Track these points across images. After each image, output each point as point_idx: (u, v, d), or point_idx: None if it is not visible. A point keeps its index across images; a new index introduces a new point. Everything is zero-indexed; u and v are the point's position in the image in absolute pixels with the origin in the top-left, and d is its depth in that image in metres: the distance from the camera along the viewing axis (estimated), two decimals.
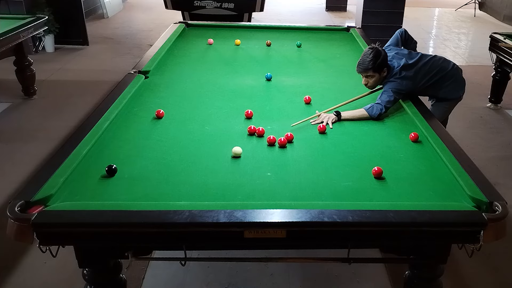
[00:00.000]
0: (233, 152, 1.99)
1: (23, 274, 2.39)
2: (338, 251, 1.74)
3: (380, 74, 2.56)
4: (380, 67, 2.52)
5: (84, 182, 1.76)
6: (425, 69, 2.66)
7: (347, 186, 1.80)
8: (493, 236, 1.55)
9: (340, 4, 9.53)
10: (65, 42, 6.29)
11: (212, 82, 2.96)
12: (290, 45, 3.83)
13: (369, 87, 2.64)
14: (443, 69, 2.73)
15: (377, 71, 2.53)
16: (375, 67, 2.50)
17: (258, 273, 2.43)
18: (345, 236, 1.61)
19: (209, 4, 5.28)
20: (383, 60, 2.52)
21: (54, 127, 3.96)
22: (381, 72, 2.55)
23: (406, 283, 1.95)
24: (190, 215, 1.51)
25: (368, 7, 5.80)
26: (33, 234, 1.47)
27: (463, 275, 2.45)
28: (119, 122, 2.28)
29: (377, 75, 2.55)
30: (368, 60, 2.49)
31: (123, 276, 1.89)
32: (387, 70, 2.57)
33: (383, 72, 2.56)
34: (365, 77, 2.58)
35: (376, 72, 2.53)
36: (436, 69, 2.69)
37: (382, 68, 2.54)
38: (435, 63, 2.72)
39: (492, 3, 9.16)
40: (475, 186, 1.72)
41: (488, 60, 4.77)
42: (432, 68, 2.68)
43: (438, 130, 2.20)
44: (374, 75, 2.54)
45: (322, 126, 2.28)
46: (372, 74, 2.54)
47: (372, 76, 2.55)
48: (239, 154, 1.99)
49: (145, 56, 3.27)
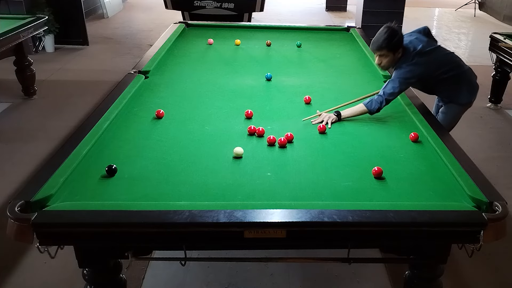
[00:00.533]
0: (235, 153, 1.99)
1: (23, 274, 2.39)
2: (338, 251, 1.74)
3: (395, 55, 2.45)
4: (394, 47, 2.42)
5: (84, 182, 1.75)
6: (440, 60, 2.56)
7: (347, 186, 1.80)
8: (493, 236, 1.55)
9: (340, 4, 9.54)
10: (65, 42, 6.30)
11: (212, 82, 2.96)
12: (290, 45, 3.83)
13: (382, 67, 2.57)
14: (459, 66, 2.64)
15: (391, 50, 2.42)
16: (389, 46, 2.40)
17: (258, 273, 2.43)
18: (345, 236, 1.61)
19: (209, 4, 5.28)
20: (399, 40, 2.42)
21: (54, 127, 3.96)
22: (395, 53, 2.44)
23: (406, 283, 1.95)
24: (190, 215, 1.51)
25: (368, 7, 5.81)
26: (33, 234, 1.47)
27: (463, 275, 2.45)
28: (119, 122, 2.28)
29: (391, 55, 2.44)
30: (383, 39, 2.39)
31: (123, 276, 1.89)
32: (402, 52, 2.47)
33: (398, 53, 2.45)
34: (378, 56, 2.48)
35: (390, 52, 2.42)
36: (452, 64, 2.60)
37: (397, 48, 2.43)
38: (453, 57, 2.63)
39: (492, 3, 9.16)
40: (475, 186, 1.72)
41: (488, 60, 4.77)
42: (448, 60, 2.59)
43: (438, 130, 2.20)
44: (388, 54, 2.43)
45: (322, 126, 2.28)
46: (386, 53, 2.43)
47: (385, 56, 2.45)
48: (241, 155, 1.99)
49: (145, 56, 3.27)
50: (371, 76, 3.12)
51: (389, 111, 2.50)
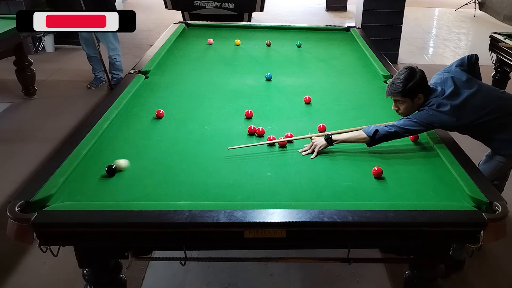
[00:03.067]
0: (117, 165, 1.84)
1: (23, 274, 2.39)
2: (338, 251, 1.75)
3: (413, 101, 2.09)
4: (411, 92, 2.06)
5: (84, 182, 1.75)
6: (475, 104, 2.08)
7: (347, 186, 1.80)
8: (493, 236, 1.55)
9: (340, 4, 9.55)
10: (65, 42, 6.29)
11: (212, 82, 2.96)
12: (290, 45, 3.83)
13: (400, 114, 2.16)
14: (502, 107, 2.12)
15: (407, 96, 2.06)
16: (404, 91, 2.05)
17: (258, 273, 2.43)
18: (345, 236, 1.61)
19: (209, 4, 5.28)
20: (416, 84, 2.05)
21: (54, 127, 3.96)
22: (414, 98, 2.08)
23: (406, 283, 1.95)
24: (190, 215, 1.51)
25: (368, 7, 5.81)
26: (33, 234, 1.47)
27: (463, 275, 2.45)
28: (119, 122, 2.28)
29: (408, 101, 2.08)
30: (398, 82, 2.06)
31: (123, 276, 1.90)
32: (423, 97, 2.10)
33: (418, 98, 2.09)
34: (394, 101, 2.14)
35: (407, 98, 2.07)
36: (492, 106, 2.10)
37: (414, 93, 2.07)
38: (492, 97, 2.14)
39: (492, 3, 9.16)
40: (475, 186, 1.72)
41: (488, 60, 4.77)
42: (486, 103, 2.10)
43: (438, 130, 2.20)
44: (404, 100, 2.09)
45: (322, 126, 2.27)
46: (402, 100, 2.09)
47: (402, 102, 2.10)
48: (123, 168, 1.85)
49: (145, 56, 3.27)
50: (371, 76, 3.12)
51: (390, 111, 2.49)
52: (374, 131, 2.04)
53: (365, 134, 2.05)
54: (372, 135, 2.03)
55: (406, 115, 2.13)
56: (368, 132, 2.05)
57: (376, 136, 2.03)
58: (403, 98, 2.08)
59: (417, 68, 2.09)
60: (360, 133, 2.07)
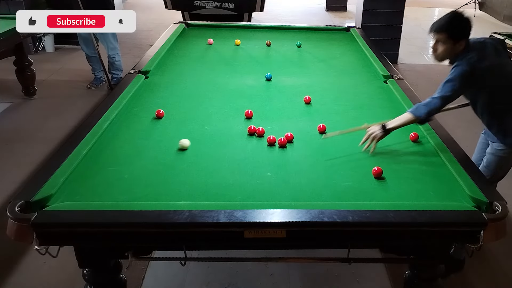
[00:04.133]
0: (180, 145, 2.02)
1: (23, 274, 2.39)
2: (338, 251, 1.75)
3: (454, 45, 2.04)
4: (457, 34, 2.02)
5: (84, 182, 1.75)
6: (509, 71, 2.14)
7: (347, 186, 1.80)
8: (493, 236, 1.55)
9: (340, 4, 9.54)
10: (65, 42, 6.29)
11: (212, 82, 2.95)
12: (290, 45, 3.83)
13: (435, 57, 2.13)
14: None
15: (451, 37, 2.02)
16: (450, 31, 2.01)
17: (258, 273, 2.43)
18: (345, 236, 1.61)
19: (209, 4, 5.28)
20: (464, 27, 2.02)
21: (54, 127, 3.96)
22: (455, 43, 2.03)
23: (406, 283, 1.95)
24: (190, 215, 1.51)
25: (368, 7, 5.81)
26: (33, 234, 1.47)
27: (463, 275, 2.45)
28: (119, 122, 2.28)
29: (449, 44, 2.03)
30: (446, 21, 2.02)
31: (123, 276, 1.90)
32: (464, 44, 2.06)
33: (459, 44, 2.04)
34: (435, 40, 2.08)
35: (450, 39, 2.02)
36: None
37: (459, 36, 2.02)
38: None
39: (492, 3, 9.16)
40: (475, 186, 1.72)
41: None
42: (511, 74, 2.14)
43: (438, 130, 2.20)
44: (446, 41, 2.03)
45: (322, 126, 2.27)
46: (444, 39, 2.03)
47: (443, 43, 2.04)
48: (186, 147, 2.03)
49: (145, 56, 3.27)
50: (371, 76, 3.12)
51: (390, 111, 2.49)
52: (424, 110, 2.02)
53: (414, 116, 2.03)
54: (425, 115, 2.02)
55: (441, 59, 2.10)
56: (419, 113, 2.03)
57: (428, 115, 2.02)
58: (446, 38, 2.03)
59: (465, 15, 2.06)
60: (410, 116, 2.05)
